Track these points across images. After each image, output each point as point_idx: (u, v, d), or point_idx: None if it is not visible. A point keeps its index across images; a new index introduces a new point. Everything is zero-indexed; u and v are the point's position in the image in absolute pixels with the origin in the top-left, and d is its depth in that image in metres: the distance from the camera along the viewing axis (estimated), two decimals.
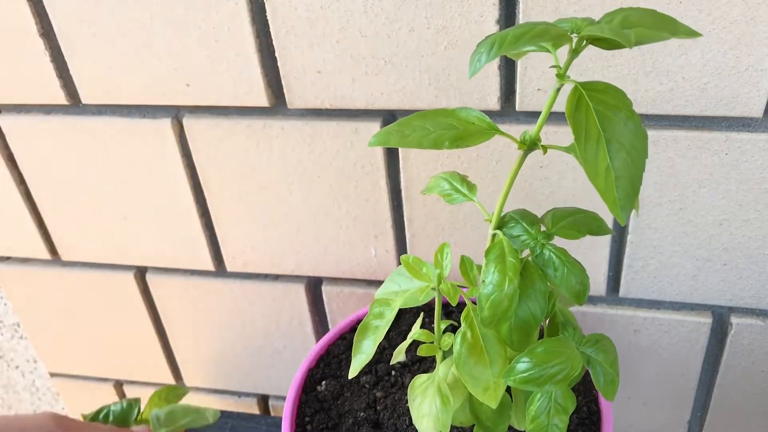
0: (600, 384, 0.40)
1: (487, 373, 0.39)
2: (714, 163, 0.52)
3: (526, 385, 0.38)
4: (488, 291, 0.37)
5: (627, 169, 0.30)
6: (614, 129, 0.31)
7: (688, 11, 0.46)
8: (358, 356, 0.43)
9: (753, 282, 0.57)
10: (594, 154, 0.30)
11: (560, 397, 0.40)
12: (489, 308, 0.37)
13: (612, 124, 0.31)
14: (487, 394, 0.39)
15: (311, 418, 0.52)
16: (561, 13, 0.48)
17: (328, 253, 0.66)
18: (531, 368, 0.38)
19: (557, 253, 0.39)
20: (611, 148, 0.30)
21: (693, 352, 0.62)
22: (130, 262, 0.73)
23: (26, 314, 0.82)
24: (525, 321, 0.39)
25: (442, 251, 0.42)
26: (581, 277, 0.39)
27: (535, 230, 0.40)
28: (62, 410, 0.99)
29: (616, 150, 0.30)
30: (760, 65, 0.47)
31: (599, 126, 0.31)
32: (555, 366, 0.38)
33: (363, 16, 0.51)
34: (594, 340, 0.41)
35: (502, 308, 0.37)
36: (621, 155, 0.30)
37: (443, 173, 0.45)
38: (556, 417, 0.40)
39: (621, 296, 0.61)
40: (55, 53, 0.59)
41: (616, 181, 0.30)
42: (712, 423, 0.67)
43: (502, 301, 0.37)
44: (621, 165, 0.30)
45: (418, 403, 0.43)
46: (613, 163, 0.30)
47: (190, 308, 0.74)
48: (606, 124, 0.31)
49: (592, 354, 0.41)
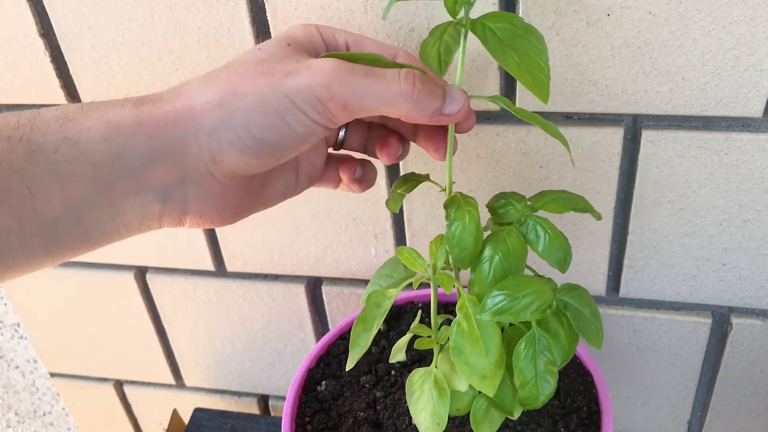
0: (582, 330, 0.41)
1: (483, 361, 0.39)
2: (714, 163, 0.52)
3: (501, 316, 0.39)
4: (453, 229, 0.40)
5: (532, 62, 0.38)
6: (514, 40, 0.38)
7: (688, 11, 0.46)
8: (356, 348, 0.43)
9: (753, 282, 0.57)
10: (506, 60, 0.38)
11: (545, 348, 0.40)
12: (457, 245, 0.40)
13: (513, 37, 0.38)
14: (485, 382, 0.39)
15: (311, 418, 0.52)
16: (561, 12, 0.48)
17: (328, 253, 0.66)
18: (503, 300, 0.39)
19: (541, 223, 0.41)
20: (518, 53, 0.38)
21: (693, 352, 0.62)
22: (130, 262, 0.73)
23: (26, 314, 0.82)
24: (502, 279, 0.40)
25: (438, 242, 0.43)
26: (563, 244, 0.41)
27: (522, 204, 0.43)
28: (62, 410, 0.99)
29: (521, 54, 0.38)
30: (760, 65, 0.47)
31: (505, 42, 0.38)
32: (526, 297, 0.39)
33: (363, 16, 0.51)
34: (569, 288, 0.42)
35: (469, 243, 0.39)
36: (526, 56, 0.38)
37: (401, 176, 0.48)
38: (543, 367, 0.40)
39: (621, 296, 0.61)
40: (55, 53, 0.59)
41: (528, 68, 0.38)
42: (712, 423, 0.67)
43: (467, 237, 0.39)
44: (527, 60, 0.38)
45: (416, 398, 0.43)
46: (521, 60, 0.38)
47: (190, 308, 0.74)
48: (511, 39, 0.38)
49: (569, 300, 0.42)
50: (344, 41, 0.41)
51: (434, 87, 0.38)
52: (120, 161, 0.34)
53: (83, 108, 0.35)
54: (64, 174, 0.33)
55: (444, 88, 0.38)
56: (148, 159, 0.35)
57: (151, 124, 0.35)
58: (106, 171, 0.34)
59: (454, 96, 0.38)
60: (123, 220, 0.36)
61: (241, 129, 0.35)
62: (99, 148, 0.34)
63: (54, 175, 0.33)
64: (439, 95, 0.38)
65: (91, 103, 0.36)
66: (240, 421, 0.76)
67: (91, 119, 0.34)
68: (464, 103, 0.38)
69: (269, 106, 0.35)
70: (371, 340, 0.43)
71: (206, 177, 0.37)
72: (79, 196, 0.34)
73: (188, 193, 0.37)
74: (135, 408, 0.89)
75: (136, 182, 0.35)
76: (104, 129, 0.34)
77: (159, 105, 0.36)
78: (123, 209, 0.35)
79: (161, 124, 0.35)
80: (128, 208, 0.36)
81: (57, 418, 1.02)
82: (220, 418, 0.77)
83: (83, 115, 0.34)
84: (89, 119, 0.34)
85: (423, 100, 0.37)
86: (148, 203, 0.36)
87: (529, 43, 0.38)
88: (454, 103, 0.38)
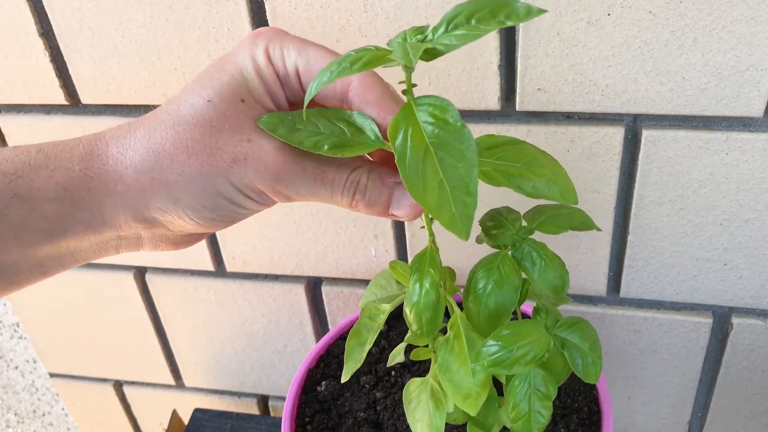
0: (578, 367, 0.40)
1: (468, 381, 0.39)
2: (714, 163, 0.52)
3: (495, 368, 0.38)
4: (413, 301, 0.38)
5: (461, 179, 0.28)
6: (444, 142, 0.29)
7: (689, 11, 0.46)
8: (350, 362, 0.43)
9: (753, 282, 0.57)
10: (422, 170, 0.29)
11: (540, 383, 0.40)
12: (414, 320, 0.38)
13: (441, 138, 0.29)
14: (468, 402, 0.38)
15: (311, 419, 0.52)
16: (561, 12, 0.48)
17: (328, 253, 0.66)
18: (498, 351, 0.38)
19: (536, 248, 0.40)
20: (443, 161, 0.29)
21: (693, 352, 0.62)
22: (130, 262, 0.73)
23: (26, 314, 0.82)
24: (495, 311, 0.39)
25: None
26: (560, 271, 0.39)
27: (516, 226, 0.41)
28: (62, 410, 0.99)
29: (448, 164, 0.29)
30: (760, 65, 0.47)
31: (428, 142, 0.29)
32: (522, 347, 0.38)
33: (363, 16, 0.51)
34: (569, 323, 0.41)
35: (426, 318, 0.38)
36: (453, 167, 0.29)
37: None
38: (538, 403, 0.40)
39: (621, 296, 0.61)
40: (55, 53, 0.59)
41: (452, 192, 0.29)
42: (712, 423, 0.66)
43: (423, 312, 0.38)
44: (454, 176, 0.29)
45: (413, 408, 0.43)
46: (446, 176, 0.29)
47: (190, 308, 0.74)
48: (436, 139, 0.29)
49: (567, 336, 0.41)
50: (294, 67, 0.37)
51: (377, 193, 0.37)
52: (73, 218, 0.35)
53: (30, 164, 0.35)
54: (17, 227, 0.34)
55: (391, 191, 0.38)
56: (101, 220, 0.36)
57: (100, 190, 0.35)
58: (60, 224, 0.35)
59: (401, 202, 0.38)
60: (81, 255, 0.38)
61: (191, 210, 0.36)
62: (50, 208, 0.35)
63: (7, 227, 0.34)
64: (382, 202, 0.38)
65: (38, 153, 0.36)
66: (240, 421, 0.76)
67: (40, 178, 0.35)
68: (411, 211, 0.38)
69: (216, 192, 0.36)
70: (365, 354, 0.42)
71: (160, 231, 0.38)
72: (35, 243, 0.35)
73: (142, 241, 0.39)
74: (134, 408, 0.89)
75: (91, 232, 0.36)
76: (54, 191, 0.35)
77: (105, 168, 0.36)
78: (80, 248, 0.37)
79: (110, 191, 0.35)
80: (86, 247, 0.37)
81: (56, 419, 1.01)
82: (220, 418, 0.77)
83: (32, 172, 0.35)
84: (38, 178, 0.35)
85: (362, 208, 0.38)
86: (104, 247, 0.38)
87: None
88: (399, 209, 0.38)
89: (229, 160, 0.35)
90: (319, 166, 0.36)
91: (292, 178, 0.36)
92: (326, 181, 0.36)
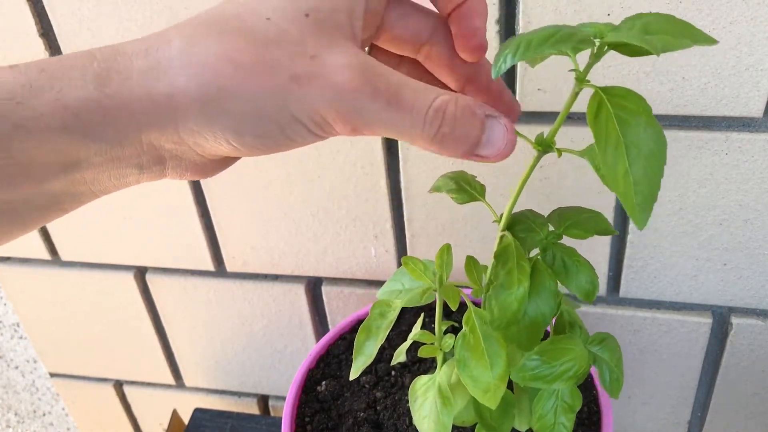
0: (606, 383, 0.40)
1: (487, 375, 0.39)
2: (714, 163, 0.52)
3: (536, 383, 0.38)
4: (497, 294, 0.37)
5: (645, 174, 0.30)
6: (634, 135, 0.30)
7: (688, 11, 0.46)
8: (359, 357, 0.43)
9: (753, 282, 0.57)
10: (614, 160, 0.30)
11: (567, 395, 0.40)
12: (498, 311, 0.37)
13: (632, 130, 0.30)
14: (487, 395, 0.39)
15: (311, 419, 0.52)
16: (561, 12, 0.48)
17: (328, 253, 0.66)
18: (540, 366, 0.38)
19: (567, 253, 0.40)
20: (630, 153, 0.30)
21: (693, 352, 0.62)
22: (130, 262, 0.73)
23: (26, 314, 0.82)
24: (534, 321, 0.38)
25: (444, 253, 0.42)
26: (591, 276, 0.39)
27: (544, 231, 0.40)
28: (62, 410, 0.99)
29: (635, 156, 0.30)
30: (760, 65, 0.47)
31: (619, 131, 0.30)
32: (564, 363, 0.38)
33: None
34: (599, 339, 0.41)
35: (512, 311, 0.37)
36: (640, 161, 0.30)
37: (450, 173, 0.45)
38: (562, 416, 0.40)
39: (621, 296, 0.61)
40: (55, 53, 0.59)
41: (635, 186, 0.30)
42: (712, 423, 0.67)
43: (511, 304, 0.37)
44: (639, 171, 0.30)
45: (419, 405, 0.43)
46: (632, 169, 0.30)
47: (190, 308, 0.74)
48: (626, 130, 0.30)
49: (599, 352, 0.41)
50: None
51: (468, 126, 0.32)
52: (87, 147, 0.30)
53: (32, 86, 0.29)
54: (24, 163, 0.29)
55: (483, 125, 0.32)
56: (118, 143, 0.31)
57: (120, 113, 0.30)
58: (73, 156, 0.30)
59: (492, 138, 0.32)
60: (100, 188, 0.33)
61: (231, 134, 0.31)
62: (60, 137, 0.29)
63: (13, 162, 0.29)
64: (473, 137, 0.32)
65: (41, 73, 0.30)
66: (240, 421, 0.76)
67: (43, 103, 0.29)
68: (506, 147, 0.32)
69: (266, 116, 0.30)
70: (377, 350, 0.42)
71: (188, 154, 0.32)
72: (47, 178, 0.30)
73: (167, 166, 0.33)
74: (135, 408, 0.89)
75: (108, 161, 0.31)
76: (62, 116, 0.29)
77: (128, 85, 0.30)
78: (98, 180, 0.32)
79: (133, 112, 0.30)
80: (104, 179, 0.32)
81: (57, 419, 1.02)
82: (220, 418, 0.77)
83: (33, 96, 0.29)
84: (41, 103, 0.29)
85: (448, 143, 0.31)
86: (123, 175, 0.32)
87: None
88: (491, 144, 0.32)
89: (287, 78, 0.30)
90: (397, 87, 0.31)
91: (362, 101, 0.30)
92: (404, 107, 0.30)
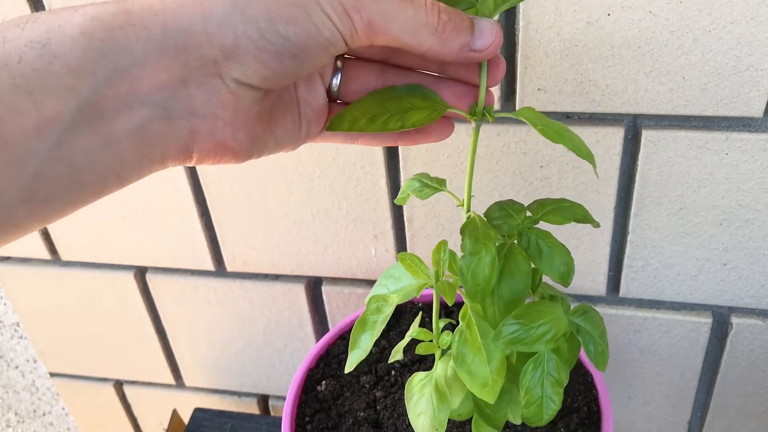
0: (590, 354, 0.41)
1: (485, 369, 0.39)
2: (714, 163, 0.52)
3: (515, 346, 0.38)
4: (467, 262, 0.38)
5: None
6: None
7: (688, 11, 0.46)
8: (355, 351, 0.43)
9: (753, 282, 0.57)
10: None
11: (553, 369, 0.40)
12: (471, 279, 0.38)
13: None
14: (485, 390, 0.39)
15: (311, 418, 0.52)
16: (561, 12, 0.48)
17: (328, 253, 0.66)
18: (519, 329, 0.38)
19: (541, 236, 0.40)
20: None
21: (693, 352, 0.62)
22: (130, 262, 0.73)
23: (26, 314, 0.82)
24: (509, 299, 0.39)
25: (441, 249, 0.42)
26: (565, 258, 0.40)
27: (521, 216, 0.41)
28: (62, 410, 0.99)
29: None
30: (760, 65, 0.47)
31: None
32: (542, 326, 0.38)
33: None
34: (582, 311, 0.42)
35: (484, 276, 0.37)
36: None
37: (414, 175, 0.46)
38: (550, 389, 0.40)
39: (621, 296, 0.61)
40: None
41: None
42: (712, 423, 0.67)
43: (483, 269, 0.37)
44: None
45: (415, 401, 0.43)
46: None
47: (190, 308, 0.74)
48: None
49: (581, 323, 0.41)
50: None
51: (461, 19, 0.34)
52: (105, 61, 0.28)
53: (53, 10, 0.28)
54: (34, 88, 0.26)
55: (472, 21, 0.35)
56: (141, 55, 0.28)
57: (144, 12, 0.28)
58: (88, 78, 0.28)
59: (483, 29, 0.34)
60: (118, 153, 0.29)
61: (263, 21, 0.29)
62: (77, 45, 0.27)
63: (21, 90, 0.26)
64: (467, 28, 0.34)
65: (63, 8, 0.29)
66: (240, 421, 0.76)
67: (62, 17, 0.28)
68: (495, 37, 0.35)
69: (295, 1, 0.30)
70: (373, 343, 0.42)
71: (214, 79, 0.31)
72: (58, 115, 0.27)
73: (194, 101, 0.31)
74: (135, 408, 0.89)
75: (127, 91, 0.29)
76: (80, 22, 0.28)
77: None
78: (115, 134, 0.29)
79: (157, 11, 0.29)
80: (122, 132, 0.29)
81: (57, 418, 1.02)
82: (220, 418, 0.77)
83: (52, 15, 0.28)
84: (60, 18, 0.28)
85: (448, 33, 0.33)
86: (146, 123, 0.30)
87: None
88: (483, 36, 0.34)
89: None
90: None
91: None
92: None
